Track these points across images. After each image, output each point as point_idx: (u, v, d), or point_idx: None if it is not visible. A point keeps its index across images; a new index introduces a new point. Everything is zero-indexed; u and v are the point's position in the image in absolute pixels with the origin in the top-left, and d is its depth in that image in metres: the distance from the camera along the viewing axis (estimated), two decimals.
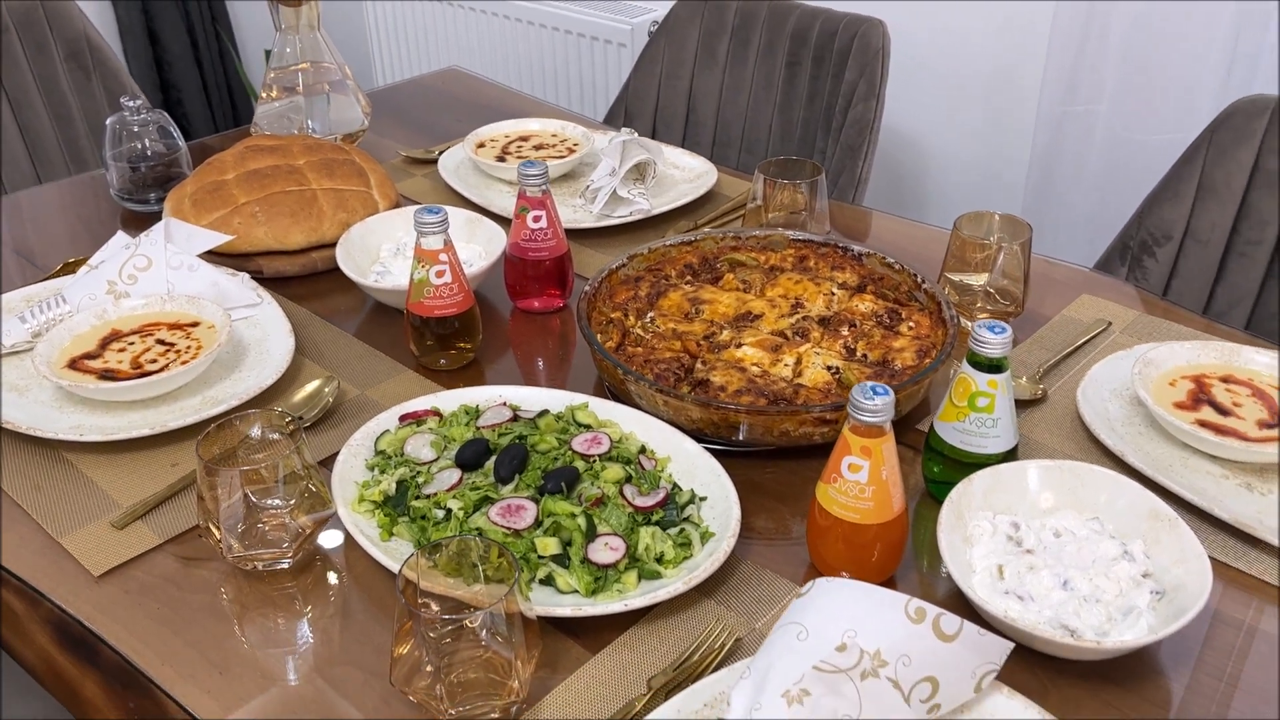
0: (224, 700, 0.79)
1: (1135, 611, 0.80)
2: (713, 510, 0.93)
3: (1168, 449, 1.00)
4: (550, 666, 0.81)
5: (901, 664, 0.71)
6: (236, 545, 0.88)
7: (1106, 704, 0.78)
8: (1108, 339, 1.19)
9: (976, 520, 0.88)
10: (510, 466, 0.93)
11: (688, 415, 1.00)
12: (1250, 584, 0.88)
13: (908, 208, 1.56)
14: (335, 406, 1.09)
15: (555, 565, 0.86)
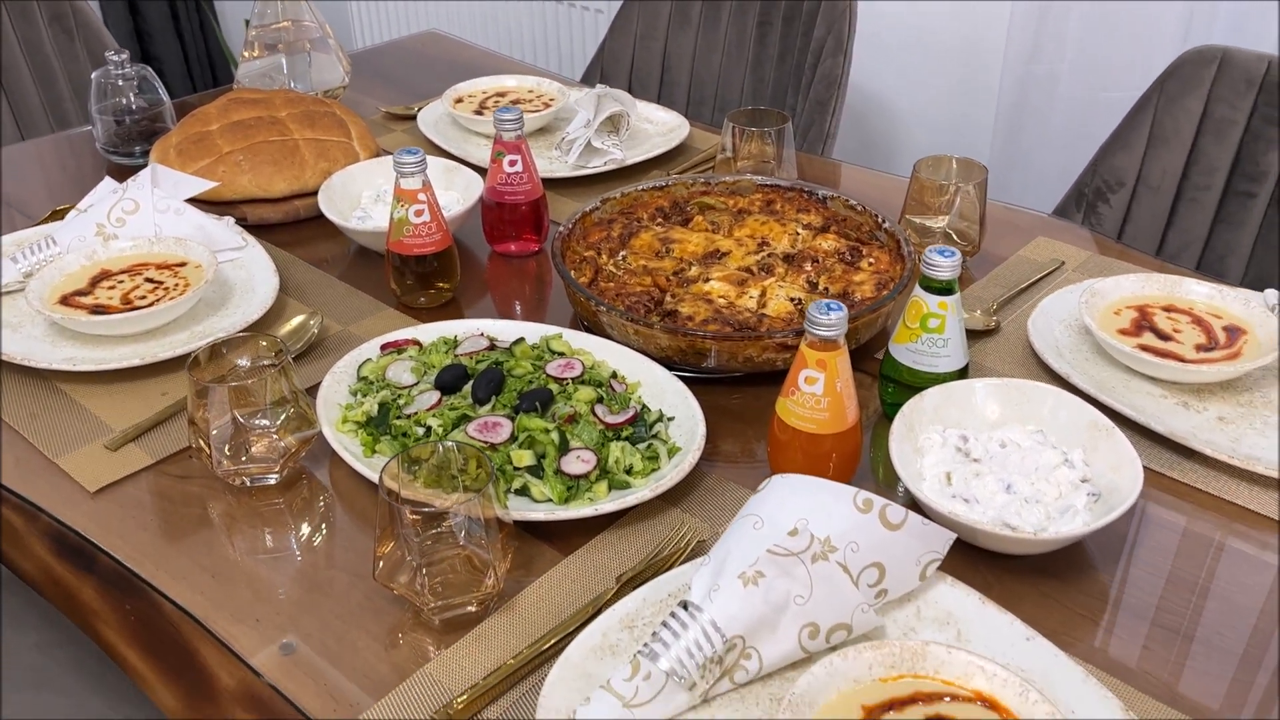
0: (216, 600, 0.84)
1: (1072, 511, 0.85)
2: (680, 429, 0.98)
3: (1111, 372, 1.06)
4: (525, 568, 0.86)
5: (850, 550, 0.76)
6: (226, 462, 0.92)
7: (1045, 595, 0.84)
8: (1060, 276, 1.25)
9: (927, 433, 0.93)
10: (487, 389, 0.97)
11: (657, 343, 1.05)
12: (1182, 490, 0.94)
13: (875, 165, 1.61)
14: (319, 340, 1.14)
15: (529, 476, 0.90)
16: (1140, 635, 0.81)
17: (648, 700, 0.71)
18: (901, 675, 0.72)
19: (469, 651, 0.79)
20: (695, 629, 0.72)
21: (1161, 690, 0.76)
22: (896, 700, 0.70)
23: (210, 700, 0.79)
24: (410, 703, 0.75)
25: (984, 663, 0.71)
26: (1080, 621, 0.82)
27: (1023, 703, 0.69)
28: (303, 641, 0.80)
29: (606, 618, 0.78)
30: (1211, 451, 0.95)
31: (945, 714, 0.69)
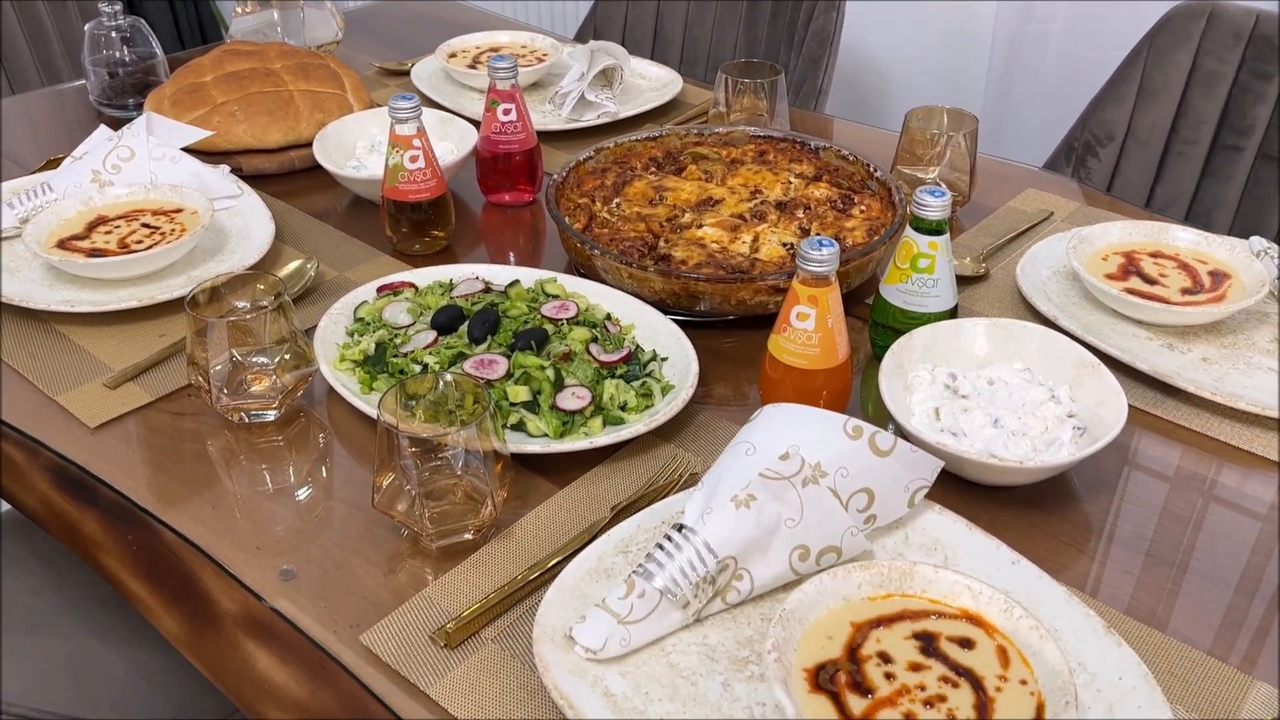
0: (216, 529, 0.85)
1: (1058, 443, 0.87)
2: (673, 368, 0.99)
3: (1098, 316, 1.08)
4: (521, 500, 0.88)
5: (840, 475, 0.78)
6: (225, 398, 0.93)
7: (1031, 525, 0.86)
8: (1049, 227, 1.26)
9: (916, 371, 0.95)
10: (483, 328, 0.99)
11: (651, 287, 1.06)
12: (1166, 427, 0.96)
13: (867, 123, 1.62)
14: (315, 285, 1.15)
15: (525, 412, 0.92)
16: (1122, 561, 0.83)
17: (642, 618, 0.72)
18: (889, 594, 0.73)
19: (466, 577, 0.80)
20: (689, 550, 0.74)
21: (1141, 611, 0.78)
22: (884, 618, 0.72)
23: (212, 625, 0.80)
24: (409, 625, 0.76)
25: (970, 582, 0.73)
26: (1064, 549, 0.84)
27: (1007, 619, 0.71)
28: (302, 568, 0.81)
29: (601, 543, 0.80)
30: (1195, 389, 0.96)
31: (931, 630, 0.71)
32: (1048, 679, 0.67)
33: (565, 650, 0.72)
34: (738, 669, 0.72)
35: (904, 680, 0.68)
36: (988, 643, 0.70)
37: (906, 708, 0.66)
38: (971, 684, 0.67)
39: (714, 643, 0.74)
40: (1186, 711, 0.70)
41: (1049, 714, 0.65)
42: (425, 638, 0.75)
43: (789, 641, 0.69)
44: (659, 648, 0.73)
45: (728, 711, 0.69)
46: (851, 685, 0.67)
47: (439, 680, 0.72)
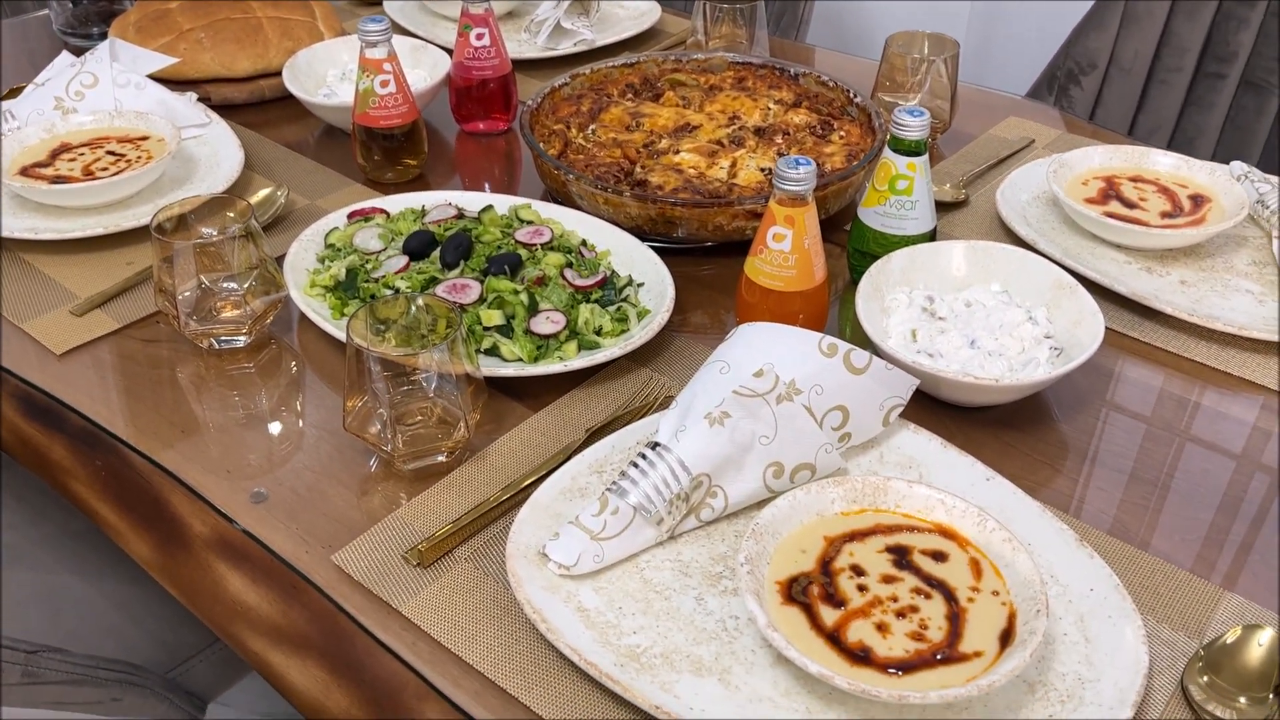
0: (186, 454, 0.84)
1: (1035, 363, 0.87)
2: (649, 293, 0.98)
3: (1077, 240, 1.07)
4: (495, 423, 0.87)
5: (814, 393, 0.77)
6: (194, 323, 0.92)
7: (1006, 444, 0.86)
8: (1030, 154, 1.25)
9: (894, 293, 0.94)
10: (456, 253, 0.97)
11: (627, 213, 1.05)
12: (1142, 349, 0.96)
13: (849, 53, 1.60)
14: (285, 214, 1.13)
15: (499, 336, 0.91)
16: (1098, 480, 0.83)
17: (615, 534, 0.72)
18: (863, 509, 0.73)
19: (439, 498, 0.80)
20: (663, 467, 0.73)
21: (1115, 527, 0.78)
22: (857, 532, 0.72)
23: (183, 548, 0.79)
24: (381, 545, 0.76)
25: (943, 496, 0.73)
26: (1040, 468, 0.84)
27: (980, 532, 0.71)
28: (274, 491, 0.81)
29: (575, 463, 0.79)
30: (1172, 311, 0.96)
31: (904, 543, 0.71)
32: (1020, 589, 0.67)
33: (539, 567, 0.71)
34: (711, 584, 0.72)
35: (876, 592, 0.68)
36: (960, 555, 0.70)
37: (879, 618, 0.66)
38: (944, 595, 0.67)
39: (687, 559, 0.74)
40: (1157, 622, 0.71)
41: (1020, 623, 0.65)
42: (398, 557, 0.75)
43: (762, 555, 0.69)
44: (633, 564, 0.73)
45: (701, 625, 0.69)
46: (824, 597, 0.67)
47: (412, 599, 0.72)
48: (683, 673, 0.66)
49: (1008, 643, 0.64)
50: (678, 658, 0.67)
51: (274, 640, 0.73)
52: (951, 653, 0.64)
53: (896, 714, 0.63)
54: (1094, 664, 0.66)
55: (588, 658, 0.65)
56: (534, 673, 0.67)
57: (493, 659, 0.68)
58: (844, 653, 0.64)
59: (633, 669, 0.65)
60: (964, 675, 0.63)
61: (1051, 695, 0.64)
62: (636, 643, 0.67)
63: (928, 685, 0.62)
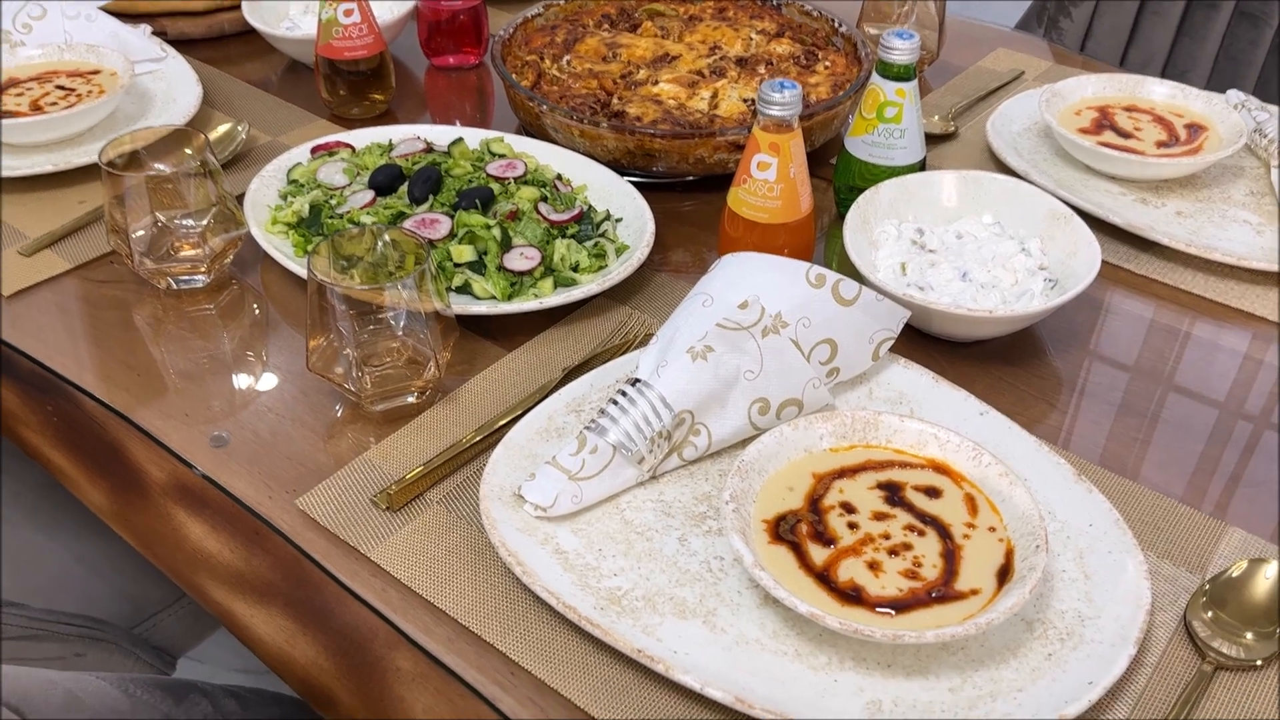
0: (142, 397, 0.80)
1: (1029, 294, 0.83)
2: (628, 228, 0.94)
3: (1070, 171, 1.03)
4: (468, 364, 0.83)
5: (801, 326, 0.74)
6: (149, 262, 0.87)
7: (998, 379, 0.83)
8: (1020, 86, 1.21)
9: (883, 226, 0.91)
10: (424, 188, 0.93)
11: (604, 145, 1.00)
12: (1138, 282, 0.93)
13: None
14: (246, 150, 1.08)
15: (471, 273, 0.87)
16: (1093, 414, 0.80)
17: (594, 474, 0.69)
18: (853, 445, 0.70)
19: (410, 440, 0.76)
20: (643, 404, 0.70)
21: (1112, 462, 0.76)
22: (847, 468, 0.69)
23: (140, 495, 0.76)
24: (348, 488, 0.72)
25: (936, 430, 0.69)
26: (1034, 403, 0.81)
27: (975, 466, 0.68)
28: (235, 434, 0.77)
29: (552, 402, 0.75)
30: (1169, 242, 0.93)
31: (896, 480, 0.68)
32: (1017, 525, 0.64)
33: (514, 509, 0.68)
34: (695, 524, 0.69)
35: (868, 530, 0.65)
36: (955, 491, 0.67)
37: (870, 556, 0.63)
38: (938, 532, 0.65)
39: (670, 499, 0.70)
40: (1158, 558, 0.68)
41: (1018, 559, 0.62)
42: (365, 501, 0.71)
43: (747, 493, 0.66)
44: (613, 505, 0.70)
45: (684, 566, 0.66)
46: (813, 535, 0.64)
47: (380, 543, 0.68)
48: (666, 615, 0.63)
49: (1005, 580, 0.62)
50: (660, 600, 0.64)
51: (237, 589, 0.70)
52: (947, 591, 0.61)
53: (890, 655, 0.61)
54: (1094, 600, 0.63)
55: (566, 601, 0.62)
56: (510, 618, 0.64)
57: (466, 605, 0.65)
58: (834, 592, 0.61)
59: (613, 612, 0.62)
60: (960, 614, 0.60)
61: (1051, 633, 0.62)
62: (617, 585, 0.64)
63: (923, 624, 0.59)
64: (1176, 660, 0.62)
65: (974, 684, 0.59)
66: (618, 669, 0.61)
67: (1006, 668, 0.60)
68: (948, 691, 0.59)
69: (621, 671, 0.61)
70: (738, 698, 0.57)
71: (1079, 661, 0.60)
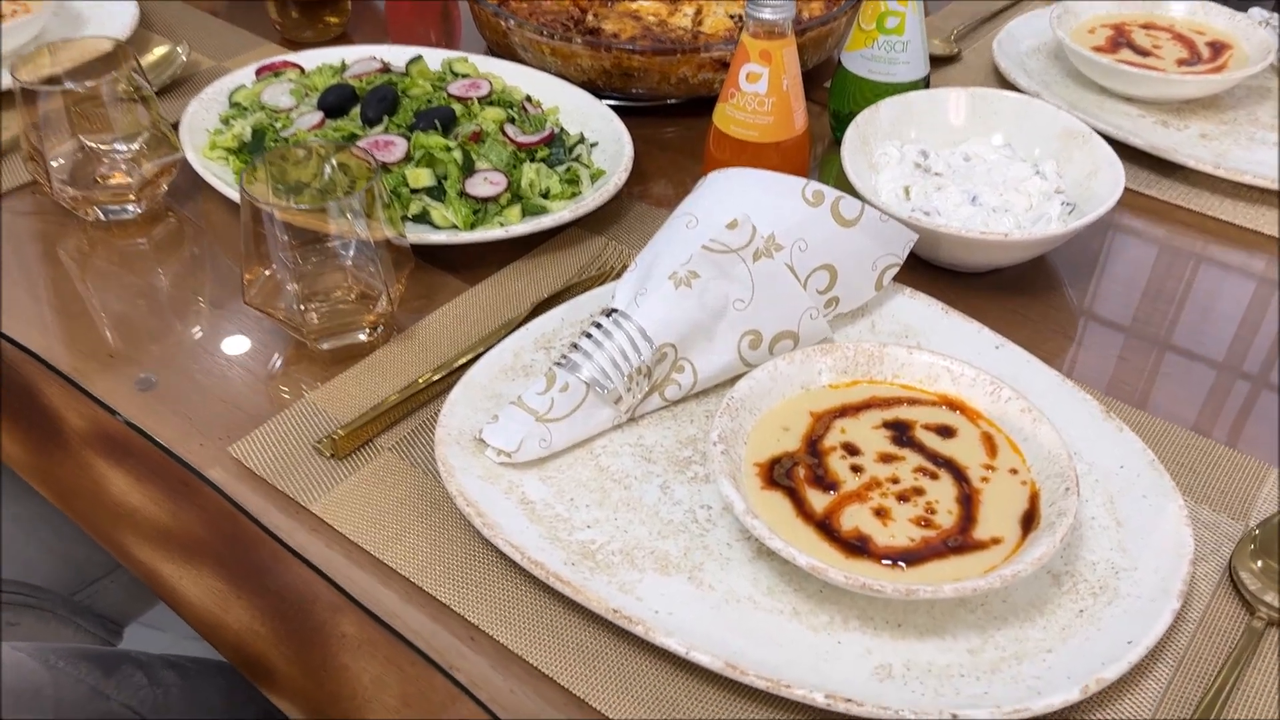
0: (62, 338, 0.71)
1: (1045, 219, 0.76)
2: (604, 153, 0.86)
3: (1084, 93, 0.95)
4: (426, 299, 0.75)
5: (797, 249, 0.66)
6: (70, 189, 0.78)
7: (1012, 311, 0.75)
8: (1026, 6, 1.13)
9: (883, 147, 0.83)
10: (378, 108, 0.84)
11: (578, 64, 0.92)
12: (1161, 209, 0.85)
13: None
14: (187, 76, 0.99)
15: (429, 200, 0.78)
16: (1117, 348, 0.73)
17: (565, 415, 0.61)
18: (855, 381, 0.63)
19: (360, 381, 0.68)
20: (620, 337, 0.62)
21: (1139, 398, 0.68)
22: (850, 406, 0.61)
23: (59, 446, 0.68)
24: (289, 434, 0.64)
25: (950, 363, 0.62)
26: (1052, 337, 0.73)
27: (994, 402, 0.60)
28: (165, 377, 0.68)
29: (519, 337, 0.67)
30: (1195, 164, 0.85)
31: (904, 418, 0.60)
32: (1042, 466, 0.57)
33: (474, 454, 0.60)
34: (678, 470, 0.61)
35: (874, 473, 0.57)
36: (971, 430, 0.60)
37: (877, 503, 0.56)
38: (953, 475, 0.57)
39: (651, 443, 0.63)
40: (1195, 502, 0.61)
41: (1045, 504, 0.55)
42: (307, 448, 0.63)
43: (738, 433, 0.58)
44: (586, 450, 0.62)
45: (666, 516, 0.58)
46: (812, 480, 0.57)
47: (323, 495, 0.60)
48: (646, 571, 0.55)
49: (1030, 527, 0.54)
50: (640, 554, 0.56)
51: (163, 548, 0.62)
52: (965, 540, 0.54)
53: (901, 613, 0.53)
54: (1129, 550, 0.56)
55: (532, 556, 0.54)
56: (469, 577, 0.56)
57: (419, 562, 0.57)
58: (837, 543, 0.54)
59: (586, 568, 0.55)
60: (981, 565, 0.53)
61: (1081, 587, 0.54)
62: (591, 538, 0.57)
63: (938, 577, 0.52)
64: (1222, 616, 0.55)
65: (996, 644, 0.52)
66: (591, 632, 0.54)
67: (1033, 626, 0.53)
68: (967, 653, 0.52)
69: (595, 635, 0.54)
70: (728, 663, 0.49)
71: (1115, 618, 0.53)
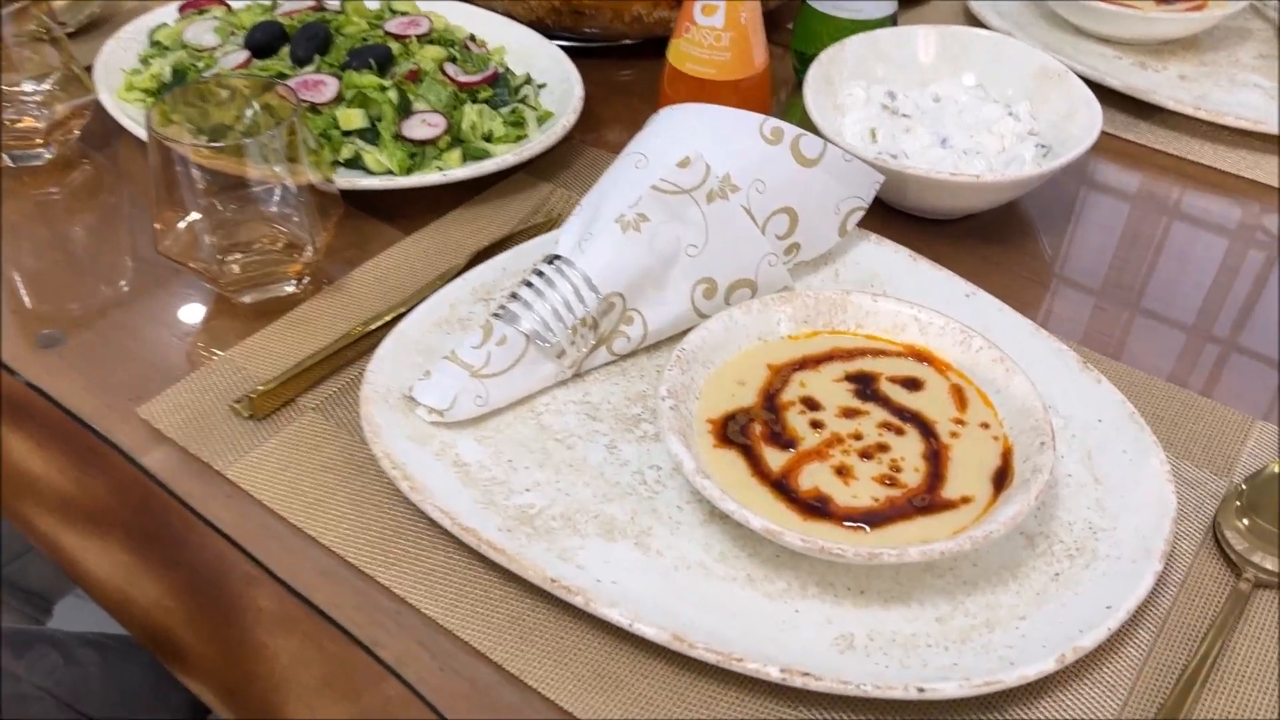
0: None
1: (1019, 161, 0.72)
2: (552, 95, 0.81)
3: (1059, 35, 0.91)
4: (359, 248, 0.70)
5: (755, 190, 0.61)
6: None
7: (984, 260, 0.71)
8: None
9: (848, 88, 0.78)
10: (309, 46, 0.78)
11: (525, 2, 0.86)
12: (1139, 153, 0.81)
13: None
14: (106, 17, 0.92)
15: (362, 143, 0.73)
16: (1094, 298, 0.69)
17: (503, 370, 0.56)
18: (816, 331, 0.58)
19: (284, 336, 0.63)
20: (564, 286, 0.57)
21: (1115, 349, 0.65)
22: (810, 358, 0.57)
23: None
24: (204, 393, 0.59)
25: (918, 311, 0.58)
26: (1025, 284, 0.69)
27: (964, 352, 0.56)
28: (70, 333, 0.63)
29: (456, 287, 0.63)
30: (1175, 106, 0.81)
31: (869, 370, 0.56)
32: (1016, 420, 0.53)
33: (404, 414, 0.55)
34: (626, 429, 0.57)
35: (835, 429, 0.53)
36: (939, 382, 0.56)
37: (839, 460, 0.51)
38: (920, 430, 0.53)
39: (597, 400, 0.58)
40: (1177, 457, 0.57)
41: (1018, 460, 0.51)
42: (224, 408, 0.58)
43: (689, 388, 0.54)
44: (527, 408, 0.57)
45: (612, 478, 0.54)
46: (769, 437, 0.52)
47: (240, 458, 0.55)
48: (589, 537, 0.51)
49: (1003, 485, 0.50)
50: (583, 519, 0.52)
51: (66, 518, 0.57)
52: (933, 499, 0.50)
53: (864, 579, 0.49)
54: (1107, 509, 0.52)
55: (463, 522, 0.50)
56: (397, 546, 0.52)
57: (343, 531, 0.52)
58: (795, 504, 0.49)
59: (523, 535, 0.50)
60: (949, 526, 0.49)
61: (1057, 549, 0.51)
62: (530, 502, 0.52)
63: (904, 540, 0.48)
64: (1206, 577, 0.51)
65: (966, 612, 0.48)
66: (528, 604, 0.49)
67: (1005, 591, 0.49)
68: (934, 621, 0.48)
69: (533, 607, 0.49)
70: (676, 635, 0.45)
71: (1093, 581, 0.49)
